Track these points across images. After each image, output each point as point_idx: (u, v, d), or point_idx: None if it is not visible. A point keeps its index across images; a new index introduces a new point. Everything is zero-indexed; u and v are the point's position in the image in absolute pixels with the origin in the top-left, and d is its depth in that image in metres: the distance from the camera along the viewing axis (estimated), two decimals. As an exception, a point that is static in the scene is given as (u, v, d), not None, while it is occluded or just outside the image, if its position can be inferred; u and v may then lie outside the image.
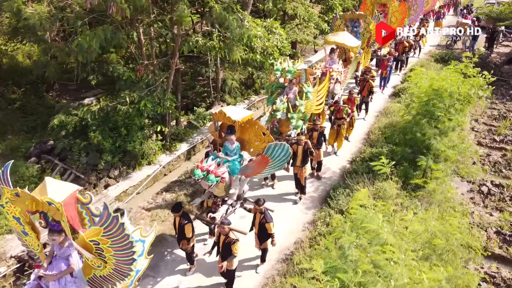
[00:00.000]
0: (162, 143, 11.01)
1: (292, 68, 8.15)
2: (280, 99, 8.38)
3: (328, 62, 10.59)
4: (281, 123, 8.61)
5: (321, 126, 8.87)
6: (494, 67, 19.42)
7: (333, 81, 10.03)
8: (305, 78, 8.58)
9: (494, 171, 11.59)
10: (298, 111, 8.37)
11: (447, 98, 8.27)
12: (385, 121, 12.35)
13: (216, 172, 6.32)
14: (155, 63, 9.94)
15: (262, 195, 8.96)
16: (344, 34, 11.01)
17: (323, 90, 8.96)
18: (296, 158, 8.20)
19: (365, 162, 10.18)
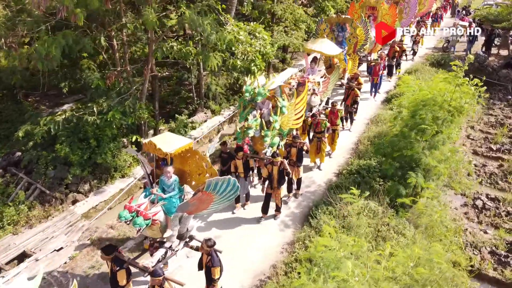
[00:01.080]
0: (138, 154, 10.38)
1: (263, 90, 7.37)
2: (253, 114, 7.62)
3: (308, 71, 9.94)
4: (255, 141, 7.95)
5: (301, 142, 8.22)
6: (492, 71, 18.85)
7: (309, 93, 9.35)
8: (280, 93, 7.95)
9: (490, 183, 11.01)
10: (273, 128, 7.67)
11: (436, 110, 7.68)
12: (375, 130, 11.76)
13: (145, 213, 5.47)
14: (128, 69, 9.33)
15: (236, 218, 8.45)
16: (323, 41, 10.31)
17: (301, 102, 8.33)
18: (272, 179, 7.59)
19: (352, 175, 9.59)
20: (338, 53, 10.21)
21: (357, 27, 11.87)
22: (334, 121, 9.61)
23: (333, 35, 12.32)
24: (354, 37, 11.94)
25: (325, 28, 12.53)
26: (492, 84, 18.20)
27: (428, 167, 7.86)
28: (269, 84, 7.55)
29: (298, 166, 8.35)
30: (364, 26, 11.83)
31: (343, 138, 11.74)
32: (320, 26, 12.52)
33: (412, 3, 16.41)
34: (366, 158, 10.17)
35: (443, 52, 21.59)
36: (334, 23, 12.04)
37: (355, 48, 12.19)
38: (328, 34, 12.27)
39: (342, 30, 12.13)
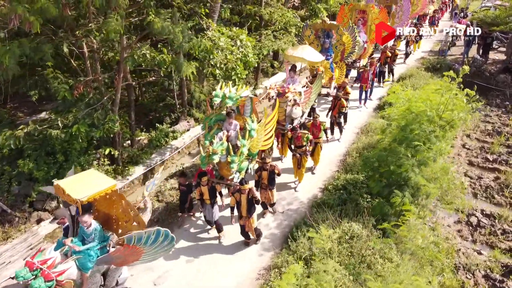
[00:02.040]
0: (112, 167, 9.83)
1: (234, 94, 6.67)
2: (219, 136, 6.90)
3: (288, 80, 9.37)
4: (221, 166, 7.18)
5: (272, 164, 7.54)
6: (489, 76, 18.31)
7: (290, 104, 8.81)
8: (250, 110, 7.24)
9: (486, 197, 10.44)
10: (240, 153, 6.91)
11: (426, 123, 7.11)
12: (365, 141, 11.19)
13: (48, 273, 4.50)
14: (100, 78, 8.76)
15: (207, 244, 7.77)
16: (304, 48, 9.62)
17: (272, 121, 7.68)
18: (240, 208, 6.92)
19: (338, 191, 9.03)
20: (320, 60, 9.59)
21: (343, 34, 11.28)
22: (316, 134, 9.01)
23: (319, 42, 11.74)
24: (341, 44, 11.32)
25: (310, 34, 11.93)
26: (490, 89, 17.67)
27: (418, 186, 7.29)
28: (242, 91, 6.85)
29: (270, 189, 7.71)
30: (351, 33, 11.22)
31: (331, 149, 11.19)
32: (305, 32, 11.89)
33: (405, 7, 15.85)
34: (353, 171, 9.61)
35: (440, 56, 21.05)
36: (319, 29, 11.42)
37: (342, 56, 11.57)
38: (313, 41, 11.67)
39: (328, 37, 11.54)
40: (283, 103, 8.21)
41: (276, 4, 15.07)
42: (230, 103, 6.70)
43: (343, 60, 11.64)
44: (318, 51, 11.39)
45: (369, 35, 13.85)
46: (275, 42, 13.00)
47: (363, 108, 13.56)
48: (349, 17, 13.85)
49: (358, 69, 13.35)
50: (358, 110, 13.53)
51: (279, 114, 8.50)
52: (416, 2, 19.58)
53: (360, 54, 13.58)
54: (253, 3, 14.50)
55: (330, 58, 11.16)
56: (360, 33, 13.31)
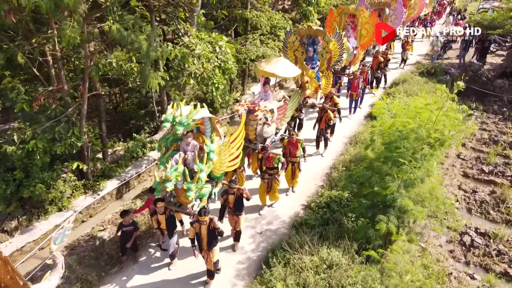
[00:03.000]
0: (81, 182, 9.21)
1: (185, 119, 5.76)
2: (175, 159, 6.09)
3: (261, 95, 8.63)
4: (178, 192, 6.31)
5: (239, 188, 6.82)
6: (486, 81, 17.69)
7: (261, 122, 7.92)
8: (210, 130, 6.53)
9: (480, 213, 9.84)
10: (198, 179, 6.10)
11: (413, 141, 6.49)
12: (353, 152, 10.57)
13: None
14: (66, 88, 8.14)
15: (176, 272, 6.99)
16: (278, 60, 8.54)
17: (238, 139, 6.84)
18: (201, 241, 6.15)
19: (321, 209, 8.42)
20: (295, 74, 8.88)
21: (330, 41, 10.66)
22: (293, 153, 8.35)
23: (304, 49, 11.10)
24: (327, 52, 10.69)
25: (294, 40, 11.25)
26: (487, 95, 17.08)
27: (404, 208, 6.67)
28: (194, 113, 5.90)
29: (238, 215, 7.01)
30: (338, 40, 10.55)
31: (316, 162, 10.57)
32: (288, 39, 11.23)
33: (398, 10, 15.25)
34: (339, 187, 9.00)
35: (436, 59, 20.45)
36: (304, 35, 10.77)
37: (328, 64, 10.87)
38: (298, 48, 11.00)
39: (314, 44, 10.86)
40: (254, 121, 7.56)
41: (263, 7, 14.45)
42: (181, 129, 5.80)
43: (329, 68, 10.99)
44: (303, 59, 10.73)
45: (360, 40, 13.20)
46: (260, 48, 12.37)
47: (352, 117, 12.91)
48: (338, 22, 13.20)
49: (348, 76, 12.73)
50: (347, 119, 12.91)
51: (250, 133, 7.85)
52: (413, 6, 18.95)
53: (350, 60, 12.94)
54: (240, 6, 13.88)
55: (315, 67, 10.54)
56: (350, 38, 12.68)
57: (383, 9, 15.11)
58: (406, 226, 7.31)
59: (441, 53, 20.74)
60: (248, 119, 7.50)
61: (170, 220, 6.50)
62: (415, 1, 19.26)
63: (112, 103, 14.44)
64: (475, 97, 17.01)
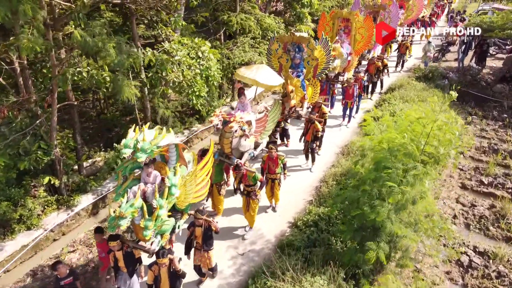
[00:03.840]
0: (54, 197, 8.66)
1: (148, 145, 5.07)
2: (132, 192, 5.36)
3: (238, 106, 8.01)
4: (136, 228, 5.55)
5: (206, 219, 6.02)
6: (485, 86, 17.17)
7: (237, 135, 7.34)
8: (176, 159, 5.73)
9: (479, 229, 9.31)
10: (156, 217, 5.37)
11: (405, 159, 5.95)
12: (345, 164, 10.02)
13: None
14: (34, 99, 7.59)
15: None
16: (259, 68, 7.98)
17: (207, 166, 6.04)
18: (161, 286, 5.46)
19: (308, 227, 7.88)
20: (278, 83, 8.29)
21: (314, 48, 9.99)
22: (272, 169, 7.78)
23: (289, 56, 10.51)
24: (313, 59, 10.11)
25: (277, 48, 10.63)
26: (486, 100, 16.55)
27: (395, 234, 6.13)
28: (159, 139, 5.22)
29: (207, 251, 6.23)
30: (325, 46, 9.96)
31: (306, 174, 10.03)
32: (271, 46, 10.65)
33: (393, 13, 14.70)
34: (328, 203, 8.44)
35: (433, 62, 19.92)
36: (289, 42, 10.19)
37: (315, 72, 10.30)
38: (282, 55, 10.44)
39: (299, 51, 10.26)
40: (229, 133, 6.98)
41: (252, 10, 13.91)
42: (143, 156, 5.07)
43: (316, 76, 10.45)
44: (288, 67, 10.16)
45: (354, 46, 12.63)
46: (247, 53, 11.83)
47: (346, 126, 12.35)
48: (331, 26, 12.64)
49: (342, 83, 12.19)
50: (342, 126, 12.36)
51: (225, 146, 7.28)
52: (411, 8, 18.41)
53: (344, 67, 12.37)
54: (228, 9, 13.36)
55: (301, 75, 10.00)
56: (343, 43, 12.11)
57: (378, 12, 14.55)
58: (399, 250, 6.78)
59: (439, 57, 20.23)
60: (223, 131, 6.94)
61: (128, 256, 5.74)
62: (414, 3, 18.71)
63: (96, 109, 13.89)
64: (474, 102, 16.50)
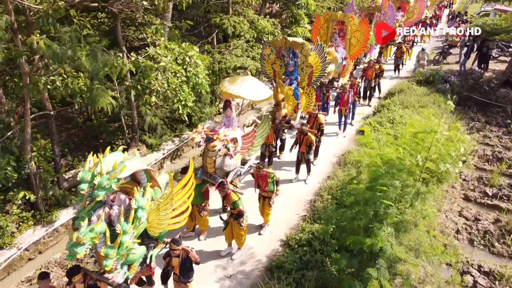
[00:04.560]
0: (30, 213, 8.15)
1: (106, 180, 4.40)
2: (97, 215, 4.78)
3: (223, 121, 7.36)
4: (98, 256, 4.95)
5: (184, 248, 5.45)
6: (488, 90, 16.66)
7: (220, 153, 6.73)
8: (146, 180, 5.22)
9: (484, 245, 8.79)
10: (119, 244, 4.73)
11: (404, 176, 5.43)
12: (341, 175, 9.50)
13: None
14: (5, 109, 7.07)
15: None
16: (244, 80, 7.20)
17: (186, 189, 5.42)
18: None
19: (301, 247, 7.36)
20: (266, 97, 7.52)
21: (308, 55, 9.22)
22: (263, 187, 7.25)
23: (282, 62, 9.83)
24: (308, 66, 9.43)
25: (270, 53, 9.87)
26: (489, 105, 16.03)
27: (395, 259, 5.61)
28: (118, 171, 4.50)
29: (185, 283, 5.67)
30: (320, 52, 9.42)
31: (300, 186, 9.51)
32: (264, 51, 10.11)
33: (389, 15, 14.18)
34: (322, 220, 7.93)
35: (434, 65, 19.42)
36: (282, 47, 9.64)
37: (310, 79, 9.55)
38: (275, 61, 9.86)
39: (294, 56, 9.49)
40: (213, 152, 6.44)
41: (246, 11, 13.40)
42: (101, 194, 4.46)
43: (310, 84, 9.70)
44: (281, 73, 9.60)
45: (349, 50, 12.10)
46: (240, 58, 11.32)
47: (342, 135, 11.80)
48: (325, 29, 12.10)
49: (337, 89, 11.64)
50: (338, 135, 11.83)
51: (208, 165, 6.75)
52: (412, 10, 17.86)
53: (339, 72, 11.84)
54: (221, 11, 12.85)
55: (294, 82, 9.40)
56: (338, 47, 11.58)
57: (373, 14, 14.01)
58: (399, 275, 6.26)
59: (440, 59, 19.73)
60: (206, 149, 6.40)
61: None
62: (414, 5, 18.14)
63: (83, 115, 13.37)
64: (476, 107, 15.99)
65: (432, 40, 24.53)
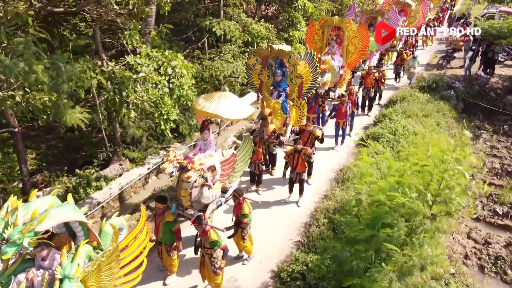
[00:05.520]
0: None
1: (18, 234, 3.53)
2: (17, 281, 3.89)
3: (199, 145, 6.48)
4: None
5: None
6: (495, 97, 15.91)
7: (196, 184, 5.84)
8: (84, 233, 4.26)
9: (495, 272, 8.05)
10: None
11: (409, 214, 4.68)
12: (339, 195, 8.73)
13: None
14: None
15: None
16: (222, 96, 6.19)
17: (138, 243, 4.52)
18: None
19: (293, 280, 6.61)
20: (246, 116, 6.42)
21: (297, 64, 8.30)
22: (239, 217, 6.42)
23: (269, 72, 8.85)
24: (297, 76, 8.45)
25: (255, 63, 8.91)
26: (496, 112, 15.28)
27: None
28: (36, 222, 3.57)
29: None
30: (310, 61, 8.46)
31: (294, 208, 8.73)
32: (249, 60, 9.28)
33: (392, 19, 13.42)
34: (318, 249, 7.16)
35: (438, 70, 18.68)
36: (269, 56, 8.59)
37: (300, 91, 8.61)
38: (262, 71, 8.94)
39: (282, 66, 8.59)
40: (187, 183, 5.64)
41: (238, 15, 12.67)
42: (10, 252, 3.56)
43: (301, 96, 8.75)
44: (269, 85, 8.78)
45: (346, 58, 11.28)
46: (231, 64, 10.59)
47: (340, 149, 11.00)
48: (321, 36, 11.29)
49: (333, 100, 10.83)
50: (335, 151, 11.03)
51: (183, 198, 5.96)
52: (414, 14, 17.06)
53: (336, 81, 11.03)
54: (212, 14, 12.11)
55: (283, 95, 8.47)
56: (334, 55, 10.78)
57: (376, 18, 13.21)
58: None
59: (444, 64, 19.00)
60: (180, 180, 5.62)
61: None
62: (417, 9, 17.32)
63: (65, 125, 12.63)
64: (482, 115, 15.26)
65: (435, 43, 23.83)
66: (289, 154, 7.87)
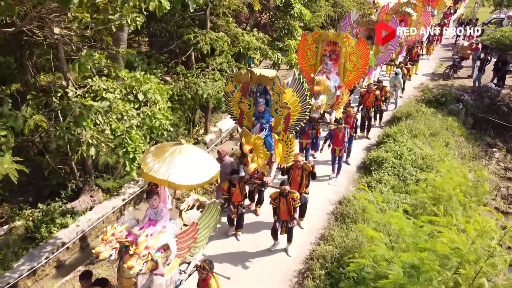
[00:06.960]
0: None
1: None
2: None
3: (148, 214, 4.97)
4: None
5: None
6: (507, 111, 14.84)
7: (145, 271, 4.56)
8: None
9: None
10: None
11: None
12: (338, 235, 7.63)
13: None
14: None
15: None
16: (175, 153, 4.64)
17: None
18: None
19: None
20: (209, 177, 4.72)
21: (282, 92, 7.01)
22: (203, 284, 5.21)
23: (250, 101, 7.52)
24: (283, 107, 7.18)
25: (233, 90, 7.54)
26: (509, 129, 14.19)
27: None
28: None
29: None
30: (298, 88, 7.12)
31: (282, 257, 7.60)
32: (226, 87, 7.68)
33: (394, 33, 12.33)
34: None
35: (444, 80, 17.60)
36: (251, 82, 7.27)
37: (287, 124, 7.36)
38: (242, 100, 7.55)
39: (265, 93, 7.29)
40: (129, 269, 4.45)
41: (227, 25, 11.61)
42: None
43: (288, 129, 7.48)
44: (251, 115, 7.48)
45: (343, 77, 10.06)
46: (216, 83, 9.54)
47: (336, 181, 9.83)
48: (314, 51, 10.08)
49: (329, 125, 9.67)
50: (331, 180, 9.90)
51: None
52: (415, 24, 15.89)
53: (332, 103, 9.83)
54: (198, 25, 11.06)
55: (266, 127, 7.25)
56: (330, 74, 9.60)
57: (374, 29, 12.08)
58: None
59: (450, 74, 17.91)
60: (121, 264, 4.48)
61: None
62: (418, 19, 16.11)
63: (37, 146, 11.52)
64: (493, 131, 14.17)
65: (440, 49, 22.80)
66: (274, 198, 6.76)
